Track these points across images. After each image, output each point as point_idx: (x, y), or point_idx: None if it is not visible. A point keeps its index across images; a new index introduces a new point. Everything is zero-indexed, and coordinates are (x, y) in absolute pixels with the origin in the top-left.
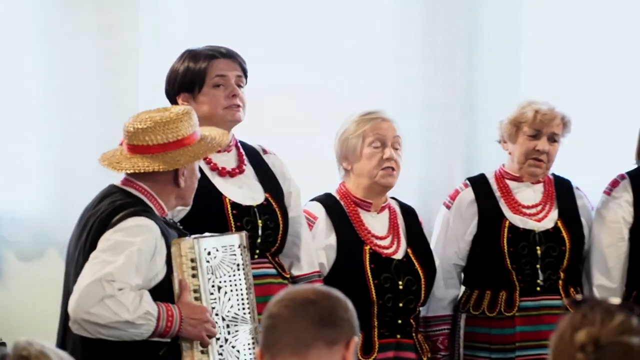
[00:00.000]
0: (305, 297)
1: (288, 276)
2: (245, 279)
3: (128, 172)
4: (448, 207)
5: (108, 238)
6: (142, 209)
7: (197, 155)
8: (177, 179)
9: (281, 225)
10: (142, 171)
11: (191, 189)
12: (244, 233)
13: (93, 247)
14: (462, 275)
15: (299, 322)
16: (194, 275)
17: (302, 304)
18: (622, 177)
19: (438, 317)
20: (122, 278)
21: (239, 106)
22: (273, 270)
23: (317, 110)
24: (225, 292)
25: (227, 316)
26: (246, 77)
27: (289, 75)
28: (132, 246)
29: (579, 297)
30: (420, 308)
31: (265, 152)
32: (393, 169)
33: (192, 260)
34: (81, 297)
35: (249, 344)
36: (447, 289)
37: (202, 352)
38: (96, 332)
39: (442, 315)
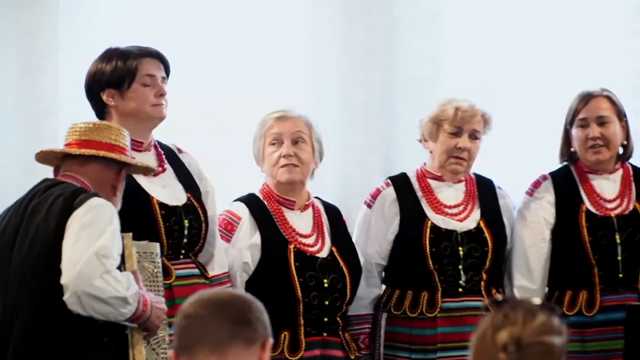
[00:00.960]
0: (220, 299)
1: (209, 276)
2: (162, 286)
3: (85, 154)
4: (369, 206)
5: (83, 216)
6: (96, 193)
7: (142, 162)
8: (117, 182)
9: (204, 225)
10: (107, 156)
11: (118, 207)
12: (158, 244)
13: (60, 226)
14: (383, 274)
15: (217, 321)
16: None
17: (218, 304)
18: (544, 177)
19: (359, 316)
20: (111, 254)
21: (163, 105)
22: (197, 271)
23: (236, 109)
24: None
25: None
26: (168, 77)
27: (208, 75)
28: (110, 224)
29: (499, 297)
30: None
31: (180, 151)
32: (295, 165)
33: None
34: (83, 270)
35: (164, 350)
36: (368, 288)
37: (149, 343)
38: (91, 308)
39: (363, 315)
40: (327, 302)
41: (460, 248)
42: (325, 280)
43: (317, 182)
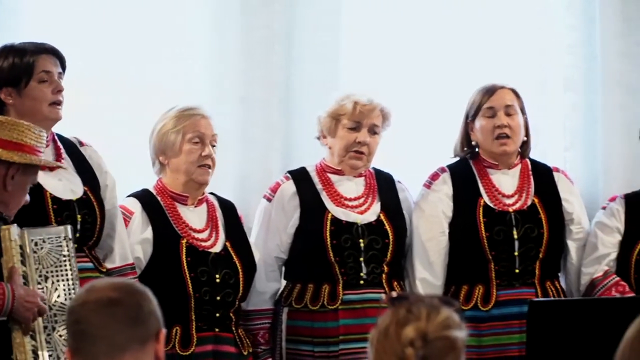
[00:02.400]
0: (109, 298)
1: (104, 270)
2: (71, 270)
3: None
4: (269, 200)
5: None
6: None
7: (32, 160)
8: (5, 179)
9: (99, 219)
10: None
11: (16, 201)
12: (69, 226)
13: None
14: (284, 268)
15: (110, 327)
16: (22, 262)
17: (108, 305)
18: (442, 170)
19: (259, 310)
20: None
21: (61, 102)
22: (90, 264)
23: (134, 104)
24: (52, 282)
25: (54, 305)
26: (64, 73)
27: (106, 69)
28: None
29: (394, 293)
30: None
31: (81, 144)
32: (209, 166)
33: (21, 247)
34: None
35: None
36: (268, 282)
37: (32, 336)
38: None
39: (263, 309)
40: (218, 298)
41: (361, 240)
42: (217, 276)
43: (216, 178)
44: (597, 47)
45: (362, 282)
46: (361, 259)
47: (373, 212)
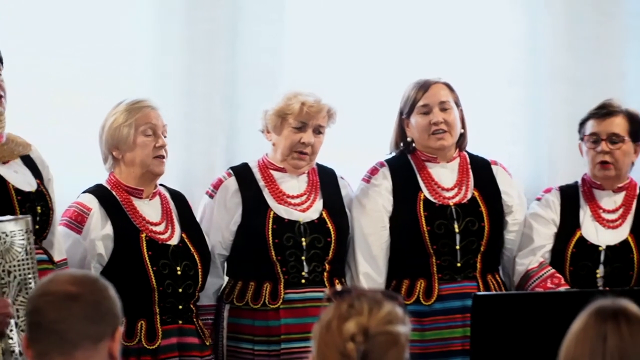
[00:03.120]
0: (68, 292)
1: (55, 262)
2: (32, 263)
3: None
4: (211, 196)
5: None
6: None
7: None
8: None
9: (51, 212)
10: None
11: None
12: (29, 218)
13: None
14: (226, 265)
15: (65, 322)
16: None
17: (65, 300)
18: (381, 164)
19: (202, 307)
20: None
21: (1, 97)
22: (45, 256)
23: (78, 99)
24: (15, 277)
25: (16, 300)
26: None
27: (49, 64)
28: None
29: (338, 287)
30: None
31: None
32: (164, 156)
33: None
34: None
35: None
36: (211, 279)
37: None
38: None
39: (206, 306)
40: (180, 290)
41: (303, 239)
42: (178, 268)
43: None
44: (541, 41)
45: (303, 281)
46: (303, 257)
47: (315, 210)
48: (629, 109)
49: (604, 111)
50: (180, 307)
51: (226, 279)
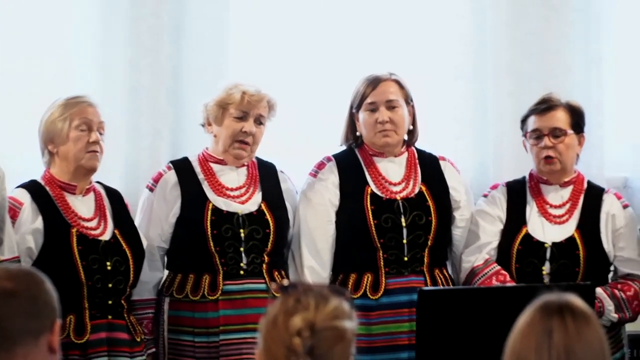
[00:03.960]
0: (4, 289)
1: (1, 260)
2: None
3: None
4: (151, 190)
5: None
6: None
7: None
8: None
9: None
10: None
11: None
12: None
13: None
14: (166, 258)
15: (3, 319)
16: None
17: (3, 297)
18: (328, 159)
19: (142, 300)
20: None
21: None
22: None
23: (22, 95)
24: None
25: None
26: None
27: None
28: None
29: (285, 282)
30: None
31: None
32: (97, 151)
33: None
34: None
35: None
36: (151, 272)
37: None
38: None
39: (146, 299)
40: (110, 285)
41: (241, 230)
42: (108, 263)
43: (105, 166)
44: (487, 36)
45: (242, 272)
46: (241, 249)
47: (254, 202)
48: (569, 102)
49: (544, 106)
50: (110, 302)
51: (166, 272)
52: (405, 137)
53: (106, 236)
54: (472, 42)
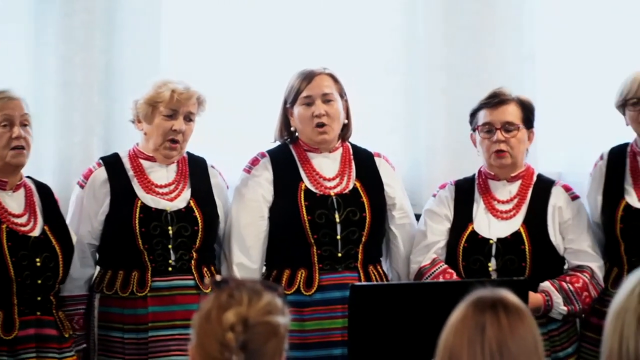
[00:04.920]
0: None
1: None
2: None
3: None
4: (81, 186)
5: None
6: None
7: None
8: None
9: None
10: None
11: None
12: None
13: None
14: (97, 255)
15: None
16: None
17: None
18: (262, 155)
19: (73, 296)
20: None
21: None
22: None
23: None
24: None
25: None
26: None
27: None
28: None
29: (219, 277)
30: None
31: None
32: (23, 147)
33: None
34: None
35: None
36: (82, 269)
37: None
38: None
39: (78, 295)
40: (39, 281)
41: (169, 227)
42: (37, 259)
43: (37, 162)
44: (419, 30)
45: (170, 269)
46: (170, 246)
47: (183, 199)
48: (520, 96)
49: (496, 100)
50: (39, 298)
51: (97, 268)
52: (340, 132)
53: (36, 232)
54: (405, 37)
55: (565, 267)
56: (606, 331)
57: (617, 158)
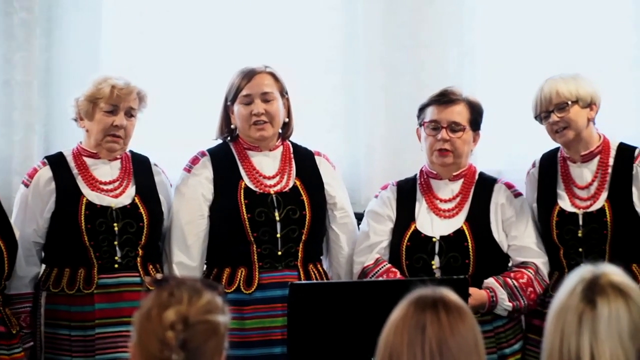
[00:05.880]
0: None
1: None
2: None
3: None
4: (27, 185)
5: None
6: None
7: None
8: None
9: None
10: None
11: None
12: None
13: None
14: (43, 252)
15: None
16: None
17: None
18: (202, 154)
19: (19, 295)
20: None
21: None
22: None
23: None
24: None
25: None
26: None
27: None
28: None
29: (159, 275)
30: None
31: None
32: None
33: None
34: None
35: None
36: (27, 267)
37: None
38: None
39: (24, 293)
40: None
41: (115, 224)
42: None
43: None
44: (358, 28)
45: (116, 265)
46: (115, 242)
47: (128, 196)
48: (470, 98)
49: (446, 99)
50: None
51: (44, 266)
52: (281, 130)
53: None
54: (343, 35)
55: (510, 264)
56: (547, 329)
57: (548, 164)
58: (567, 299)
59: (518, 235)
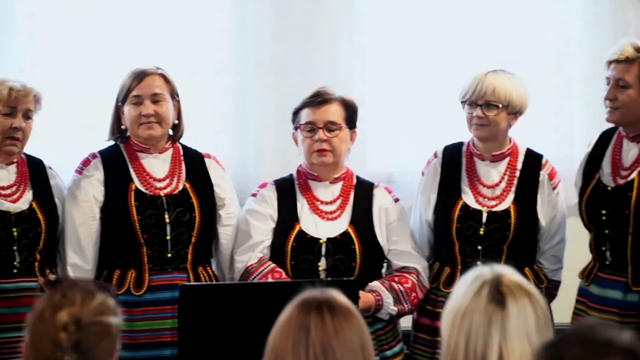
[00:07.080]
0: None
1: None
2: None
3: None
4: None
5: None
6: None
7: None
8: None
9: None
10: None
11: None
12: None
13: None
14: None
15: None
16: None
17: None
18: (93, 156)
19: None
20: None
21: None
22: None
23: None
24: None
25: None
26: None
27: None
28: None
29: (52, 277)
30: None
31: None
32: None
33: None
34: None
35: None
36: None
37: None
38: None
39: None
40: None
41: (14, 229)
42: None
43: None
44: (248, 30)
45: (15, 270)
46: (14, 247)
47: (25, 200)
48: (344, 96)
49: (319, 99)
50: None
51: None
52: (171, 132)
53: None
54: (234, 36)
55: (384, 269)
56: (447, 331)
57: (452, 156)
58: (471, 301)
59: (398, 240)
